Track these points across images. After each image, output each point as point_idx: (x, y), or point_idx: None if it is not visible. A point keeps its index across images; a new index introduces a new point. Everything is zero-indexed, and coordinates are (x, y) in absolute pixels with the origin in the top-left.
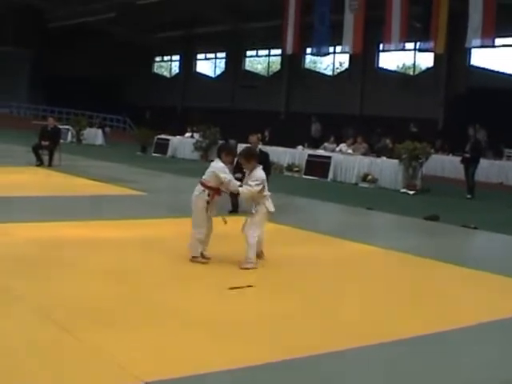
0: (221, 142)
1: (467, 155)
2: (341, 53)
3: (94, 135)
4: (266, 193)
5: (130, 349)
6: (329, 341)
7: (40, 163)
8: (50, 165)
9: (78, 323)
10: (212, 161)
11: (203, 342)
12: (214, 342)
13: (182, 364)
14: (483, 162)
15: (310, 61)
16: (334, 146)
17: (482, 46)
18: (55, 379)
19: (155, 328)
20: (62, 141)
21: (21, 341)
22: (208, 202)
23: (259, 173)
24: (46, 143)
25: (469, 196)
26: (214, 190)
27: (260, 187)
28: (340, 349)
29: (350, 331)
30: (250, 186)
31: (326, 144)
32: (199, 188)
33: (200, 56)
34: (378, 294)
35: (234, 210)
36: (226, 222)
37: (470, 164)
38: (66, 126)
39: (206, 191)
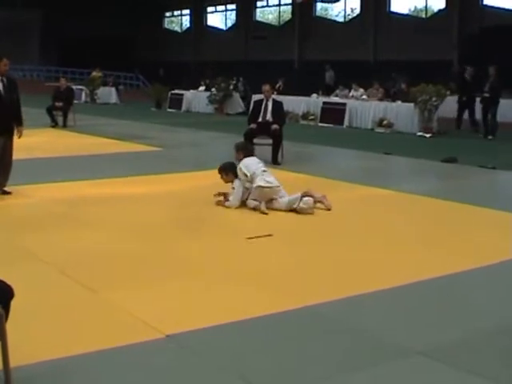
0: (235, 93)
1: (487, 95)
2: None
3: (108, 94)
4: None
5: (150, 303)
6: (343, 287)
7: (55, 124)
8: (64, 125)
9: (98, 280)
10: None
11: (221, 293)
12: (232, 293)
13: (202, 316)
14: (501, 103)
15: (321, 8)
16: (346, 91)
17: None
18: (76, 336)
19: (175, 282)
20: (76, 101)
21: (39, 298)
22: None
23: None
24: (60, 104)
25: (490, 137)
26: None
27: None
28: (355, 294)
29: (364, 277)
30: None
31: (337, 91)
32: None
33: (210, 9)
34: (397, 237)
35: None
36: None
37: (490, 104)
38: (80, 86)
39: None
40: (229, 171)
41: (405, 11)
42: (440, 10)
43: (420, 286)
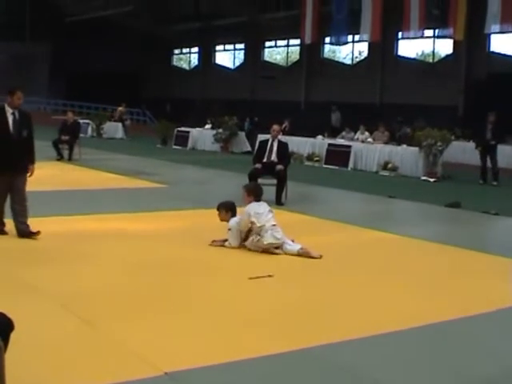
0: (240, 132)
1: (493, 142)
2: (359, 41)
3: (115, 129)
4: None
5: (149, 340)
6: (344, 330)
7: (60, 158)
8: (70, 159)
9: (98, 315)
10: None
11: (222, 332)
12: (232, 332)
13: (201, 354)
14: (505, 149)
15: (329, 50)
16: (352, 134)
17: (501, 32)
18: (74, 370)
19: (174, 319)
20: (82, 135)
21: (38, 331)
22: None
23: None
24: (66, 138)
25: (494, 183)
26: None
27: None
28: (358, 337)
29: (366, 320)
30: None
31: (343, 133)
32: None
33: (219, 48)
34: (399, 281)
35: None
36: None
37: (493, 150)
38: (86, 120)
39: None
40: (229, 210)
41: (412, 55)
42: (447, 55)
43: (423, 330)
